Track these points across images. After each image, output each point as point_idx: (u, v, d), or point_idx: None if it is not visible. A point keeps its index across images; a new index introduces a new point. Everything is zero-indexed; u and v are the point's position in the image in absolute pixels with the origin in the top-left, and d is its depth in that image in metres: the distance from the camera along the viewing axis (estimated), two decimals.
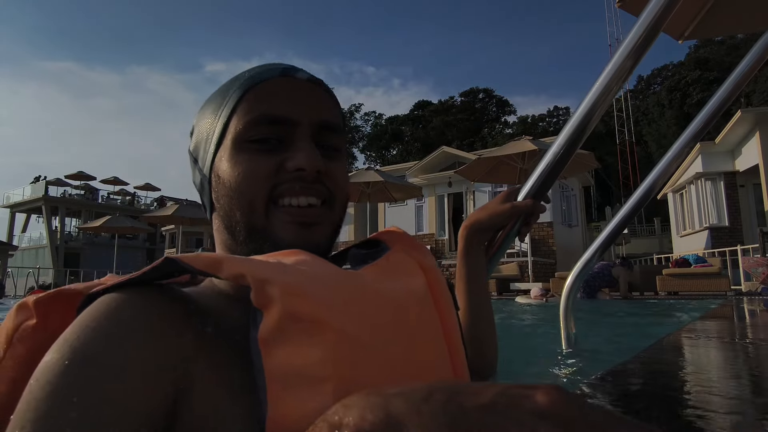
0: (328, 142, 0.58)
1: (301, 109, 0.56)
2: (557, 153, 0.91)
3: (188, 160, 0.62)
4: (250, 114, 0.54)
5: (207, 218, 0.61)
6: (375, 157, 48.06)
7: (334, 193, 0.57)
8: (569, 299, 1.68)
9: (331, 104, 0.60)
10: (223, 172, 0.55)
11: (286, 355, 0.37)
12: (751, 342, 1.71)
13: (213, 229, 0.60)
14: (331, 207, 0.57)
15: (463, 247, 0.86)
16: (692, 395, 0.90)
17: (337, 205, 0.59)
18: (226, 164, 0.55)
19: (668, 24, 0.89)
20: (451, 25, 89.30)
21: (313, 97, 0.57)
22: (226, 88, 0.58)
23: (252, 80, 0.56)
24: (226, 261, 0.40)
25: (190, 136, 0.62)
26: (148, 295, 0.43)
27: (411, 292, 0.50)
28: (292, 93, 0.56)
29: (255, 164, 0.54)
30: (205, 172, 0.58)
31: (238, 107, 0.55)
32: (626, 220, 1.72)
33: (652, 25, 0.87)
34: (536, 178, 0.92)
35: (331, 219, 0.58)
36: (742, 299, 5.47)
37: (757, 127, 11.23)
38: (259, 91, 0.56)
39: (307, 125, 0.56)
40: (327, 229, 0.57)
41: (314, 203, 0.55)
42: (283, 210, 0.54)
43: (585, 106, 0.90)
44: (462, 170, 10.04)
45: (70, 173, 32.99)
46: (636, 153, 32.83)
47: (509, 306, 6.08)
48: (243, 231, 0.55)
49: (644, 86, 44.02)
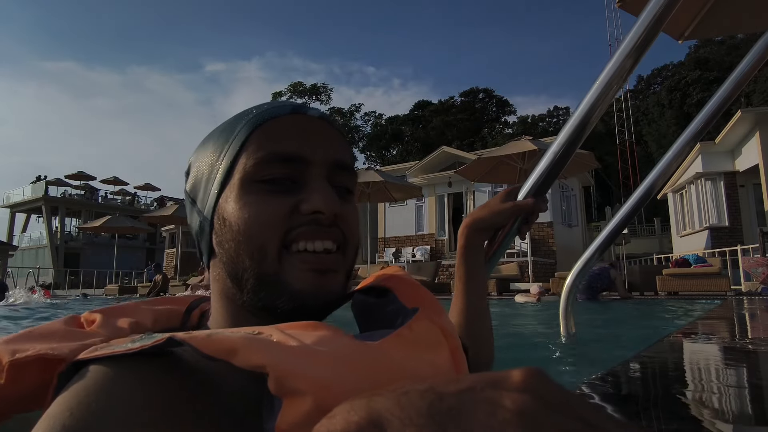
0: (342, 182, 0.55)
1: (315, 148, 0.52)
2: (557, 152, 0.91)
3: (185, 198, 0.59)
4: (261, 152, 0.51)
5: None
6: (375, 157, 48.05)
7: (348, 238, 0.54)
8: (569, 299, 1.68)
9: (343, 142, 0.57)
10: (230, 214, 0.50)
11: None
12: (751, 342, 1.71)
13: (210, 278, 0.55)
14: (344, 253, 0.54)
15: (463, 245, 0.85)
16: (692, 395, 0.90)
17: (350, 251, 0.55)
18: (234, 206, 0.50)
19: (668, 24, 0.89)
20: (451, 25, 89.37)
21: (326, 136, 0.54)
22: (232, 125, 0.54)
23: (262, 117, 0.53)
24: (243, 348, 0.36)
25: (186, 175, 0.58)
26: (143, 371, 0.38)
27: (436, 368, 0.46)
28: (304, 131, 0.53)
29: (267, 206, 0.50)
30: (206, 215, 0.53)
31: (246, 144, 0.51)
32: (626, 220, 1.72)
33: (652, 24, 0.87)
34: (536, 177, 0.92)
35: (345, 266, 0.54)
36: (742, 299, 5.47)
37: (757, 127, 11.23)
38: (270, 128, 0.52)
39: (321, 164, 0.53)
40: (342, 276, 0.53)
41: (330, 248, 0.52)
42: (298, 256, 0.50)
43: (585, 105, 0.90)
44: (462, 170, 10.05)
45: (70, 173, 33.02)
46: (636, 153, 32.84)
47: (509, 305, 6.08)
48: (252, 279, 0.50)
49: (644, 86, 44.03)
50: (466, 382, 0.22)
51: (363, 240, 18.14)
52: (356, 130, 48.05)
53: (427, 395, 0.22)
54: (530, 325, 4.01)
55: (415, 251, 15.26)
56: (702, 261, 7.70)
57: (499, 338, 0.85)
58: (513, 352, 2.16)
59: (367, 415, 0.22)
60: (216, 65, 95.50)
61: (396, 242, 16.25)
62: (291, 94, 45.42)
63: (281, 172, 0.51)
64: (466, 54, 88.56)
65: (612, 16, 33.83)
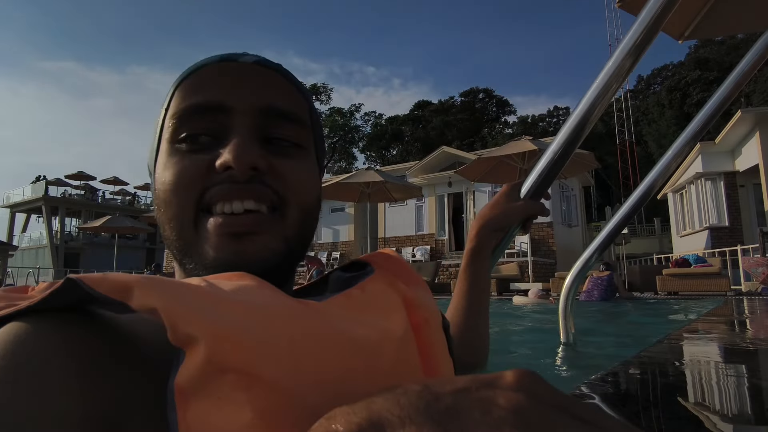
0: (280, 133, 0.47)
1: (240, 94, 0.46)
2: (556, 151, 0.91)
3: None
4: (178, 107, 0.46)
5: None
6: (375, 157, 48.03)
7: (284, 197, 0.46)
8: (568, 299, 1.67)
9: (287, 89, 0.49)
10: (156, 183, 0.46)
11: (206, 414, 0.29)
12: (751, 342, 1.71)
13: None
14: (282, 214, 0.46)
15: (474, 247, 0.81)
16: (692, 395, 0.90)
17: (291, 212, 0.47)
18: (158, 173, 0.46)
19: (668, 24, 0.89)
20: (451, 25, 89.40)
21: (257, 80, 0.47)
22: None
23: (188, 71, 0.48)
24: (138, 287, 0.31)
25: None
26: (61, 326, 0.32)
27: (385, 333, 0.41)
28: (229, 78, 0.47)
29: (181, 167, 0.44)
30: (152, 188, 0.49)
31: (170, 104, 0.47)
32: (626, 220, 1.72)
33: (651, 24, 0.86)
34: (536, 177, 0.92)
35: (281, 229, 0.46)
36: (742, 299, 5.47)
37: (757, 127, 11.23)
38: (192, 81, 0.47)
39: (247, 113, 0.46)
40: (272, 241, 0.45)
41: (252, 208, 0.45)
42: (213, 220, 0.44)
43: (585, 105, 0.90)
44: (462, 170, 10.05)
45: (70, 173, 33.01)
46: (636, 153, 32.83)
47: (507, 305, 6.08)
48: (175, 251, 0.46)
49: (644, 86, 44.02)
50: (461, 382, 0.22)
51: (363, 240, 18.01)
52: (356, 130, 48.00)
53: (423, 395, 0.22)
54: (528, 325, 4.01)
55: (415, 251, 15.26)
56: (702, 261, 7.70)
57: (498, 338, 0.85)
58: (513, 352, 2.16)
59: (367, 415, 0.22)
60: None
61: (396, 242, 16.25)
62: None
63: (200, 127, 0.45)
64: (466, 54, 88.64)
65: (612, 16, 33.84)
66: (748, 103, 27.41)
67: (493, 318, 0.86)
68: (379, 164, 43.26)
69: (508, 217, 0.83)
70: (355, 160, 48.25)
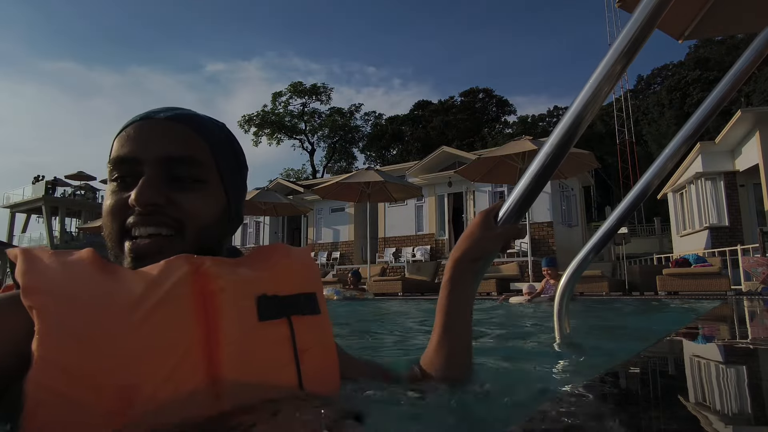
0: (181, 173, 0.64)
1: (148, 148, 0.64)
2: (534, 173, 0.91)
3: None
4: (112, 157, 0.65)
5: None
6: (375, 157, 48.00)
7: (183, 222, 0.63)
8: (564, 299, 1.66)
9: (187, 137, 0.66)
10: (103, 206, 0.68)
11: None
12: (751, 342, 1.71)
13: None
14: (182, 236, 0.64)
15: (450, 278, 0.85)
16: (692, 395, 0.89)
17: (190, 234, 0.64)
18: (104, 200, 0.66)
19: (668, 24, 0.88)
20: (451, 24, 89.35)
21: (165, 135, 0.65)
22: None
23: (122, 127, 0.67)
24: (18, 264, 0.58)
25: None
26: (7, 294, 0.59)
27: (145, 296, 0.56)
28: (143, 134, 0.64)
29: (111, 201, 0.64)
30: None
31: (111, 151, 0.66)
32: (622, 220, 1.71)
33: (645, 23, 0.86)
34: (514, 201, 0.91)
35: (181, 249, 0.62)
36: (742, 299, 5.47)
37: (757, 126, 11.23)
38: (120, 137, 0.66)
39: (153, 162, 0.63)
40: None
41: (154, 233, 0.62)
42: (128, 243, 0.63)
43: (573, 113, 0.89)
44: (462, 170, 10.05)
45: (70, 173, 32.99)
46: (636, 153, 32.81)
47: (505, 306, 6.07)
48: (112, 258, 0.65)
49: (644, 86, 44.01)
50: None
51: (363, 240, 17.94)
52: (356, 130, 47.98)
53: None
54: (527, 324, 4.00)
55: (415, 251, 15.26)
56: (702, 261, 7.70)
57: (498, 339, 0.84)
58: (511, 353, 2.15)
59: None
60: (216, 65, 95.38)
61: (396, 242, 16.25)
62: (291, 94, 45.31)
63: (121, 172, 0.65)
64: (466, 54, 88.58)
65: (612, 16, 33.78)
66: (748, 102, 27.41)
67: (489, 318, 0.85)
68: (379, 164, 43.21)
69: (484, 248, 0.85)
70: (355, 160, 48.26)
